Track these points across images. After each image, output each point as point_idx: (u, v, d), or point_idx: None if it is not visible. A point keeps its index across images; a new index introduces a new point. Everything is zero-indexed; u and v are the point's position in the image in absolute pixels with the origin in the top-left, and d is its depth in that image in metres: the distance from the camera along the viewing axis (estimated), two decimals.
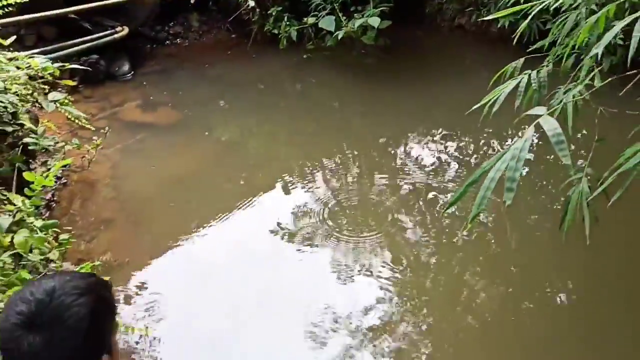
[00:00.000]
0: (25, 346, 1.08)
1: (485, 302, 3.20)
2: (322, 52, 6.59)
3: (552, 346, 2.92)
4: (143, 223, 3.99)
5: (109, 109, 5.51)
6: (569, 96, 2.46)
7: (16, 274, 2.48)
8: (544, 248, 3.65)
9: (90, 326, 1.13)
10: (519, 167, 1.47)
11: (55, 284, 1.14)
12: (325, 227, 3.84)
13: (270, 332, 3.01)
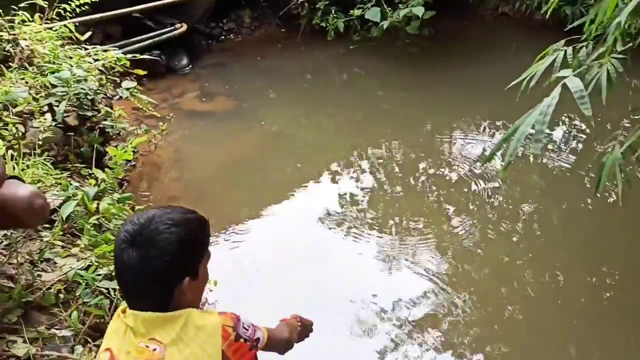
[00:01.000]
0: (126, 258, 1.35)
1: (534, 296, 3.14)
2: (368, 43, 6.79)
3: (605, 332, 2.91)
4: (204, 201, 4.29)
5: (170, 100, 5.88)
6: (604, 69, 2.60)
7: (102, 235, 2.81)
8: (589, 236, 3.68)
9: (175, 251, 1.38)
10: (545, 121, 1.65)
11: (156, 213, 1.42)
12: (371, 217, 3.88)
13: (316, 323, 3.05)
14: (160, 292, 1.39)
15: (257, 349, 1.54)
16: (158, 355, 1.34)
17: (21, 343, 2.22)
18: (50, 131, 3.57)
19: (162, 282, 1.38)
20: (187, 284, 1.42)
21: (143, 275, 1.35)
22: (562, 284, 3.21)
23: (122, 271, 1.38)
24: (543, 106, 1.66)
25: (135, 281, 1.36)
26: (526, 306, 3.07)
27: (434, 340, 2.84)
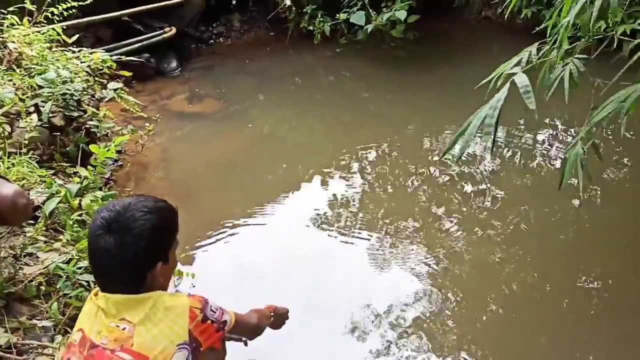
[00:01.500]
0: (102, 243, 1.43)
1: (524, 297, 3.14)
2: (354, 46, 6.87)
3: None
4: (190, 199, 4.33)
5: (159, 101, 5.95)
6: (567, 68, 2.70)
7: (84, 231, 2.88)
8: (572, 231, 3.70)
9: (150, 238, 1.47)
10: (495, 115, 1.74)
11: (131, 201, 1.50)
12: (362, 219, 3.85)
13: (310, 325, 2.95)
14: (135, 276, 1.46)
15: (224, 331, 1.61)
16: (127, 334, 1.41)
17: (2, 333, 2.29)
18: (36, 131, 3.64)
19: (137, 266, 1.46)
20: (159, 269, 1.50)
21: (119, 260, 1.43)
22: (552, 285, 3.19)
23: (97, 256, 1.45)
24: (493, 101, 1.75)
25: (111, 266, 1.44)
26: (517, 307, 3.06)
27: (427, 341, 2.85)
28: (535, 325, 2.95)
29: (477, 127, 1.83)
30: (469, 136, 1.81)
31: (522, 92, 1.81)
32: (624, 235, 3.56)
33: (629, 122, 2.66)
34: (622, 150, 4.51)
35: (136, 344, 1.41)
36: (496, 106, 1.75)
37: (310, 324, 2.93)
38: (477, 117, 1.80)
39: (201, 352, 1.52)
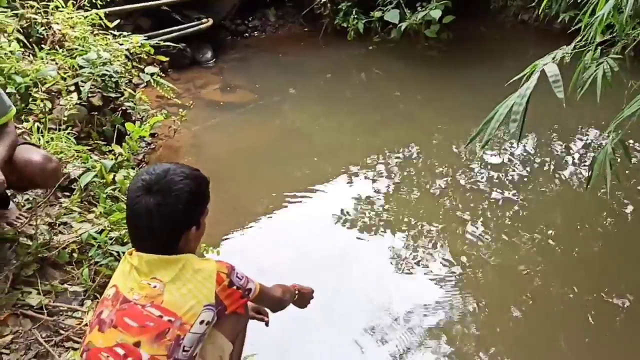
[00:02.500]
0: (143, 203, 1.49)
1: (549, 307, 3.04)
2: (387, 45, 6.91)
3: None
4: (217, 185, 4.41)
5: (193, 90, 6.06)
6: (600, 68, 2.68)
7: (116, 205, 2.96)
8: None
9: (187, 201, 1.54)
10: (523, 103, 1.74)
11: (170, 167, 1.57)
12: (386, 221, 3.80)
13: (329, 324, 2.90)
14: (169, 237, 1.53)
15: (249, 298, 1.66)
16: (158, 291, 1.47)
17: (35, 294, 2.38)
18: (76, 109, 3.76)
19: (173, 227, 1.53)
20: (192, 233, 1.57)
21: (158, 220, 1.49)
22: (576, 296, 3.09)
23: (136, 216, 1.52)
24: (522, 90, 1.75)
25: (149, 225, 1.50)
26: (540, 317, 2.96)
27: (447, 348, 2.78)
28: (558, 337, 2.87)
29: (505, 114, 1.83)
30: (496, 123, 1.82)
31: (552, 82, 1.81)
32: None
33: None
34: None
35: (166, 301, 1.46)
36: (525, 94, 1.76)
37: (330, 324, 2.89)
38: (505, 105, 1.81)
39: (226, 315, 1.57)
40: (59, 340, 2.22)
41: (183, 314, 1.46)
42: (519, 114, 1.78)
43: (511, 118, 1.82)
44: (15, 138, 2.40)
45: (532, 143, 4.86)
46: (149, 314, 1.45)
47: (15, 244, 2.58)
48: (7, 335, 2.20)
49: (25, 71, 3.71)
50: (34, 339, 2.20)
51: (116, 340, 1.43)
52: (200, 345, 1.51)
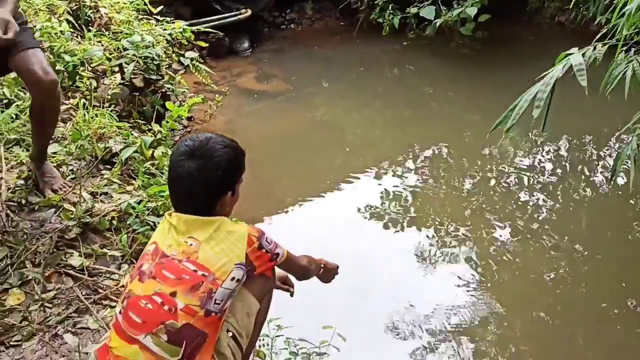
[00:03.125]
0: (186, 167, 1.61)
1: (574, 313, 3.02)
2: (422, 41, 6.92)
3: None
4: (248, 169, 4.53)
5: (229, 78, 6.21)
6: (630, 65, 2.70)
7: (154, 179, 3.11)
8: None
9: (226, 167, 1.66)
10: (547, 90, 1.81)
11: (211, 135, 1.69)
12: (412, 219, 3.79)
13: (351, 320, 2.85)
14: (207, 200, 1.65)
15: (276, 262, 1.77)
16: (194, 248, 1.59)
17: (77, 256, 2.53)
18: (118, 89, 3.93)
19: (212, 191, 1.65)
20: (228, 198, 1.68)
21: (199, 183, 1.62)
22: (602, 303, 3.04)
23: (178, 178, 1.64)
24: (546, 79, 1.82)
25: (190, 187, 1.63)
26: (565, 323, 2.93)
27: (469, 351, 2.76)
28: (581, 343, 2.85)
29: (529, 101, 1.90)
30: (520, 109, 1.89)
31: (576, 71, 1.88)
32: None
33: None
34: None
35: (200, 258, 1.58)
36: (549, 82, 1.83)
37: (351, 320, 2.85)
38: (530, 92, 1.88)
39: (254, 276, 1.69)
40: (98, 298, 2.37)
41: (216, 270, 1.58)
42: (542, 100, 1.85)
43: (535, 104, 1.89)
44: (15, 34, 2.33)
45: (564, 146, 4.82)
46: (185, 268, 1.57)
47: (60, 210, 2.75)
48: (50, 291, 2.36)
49: (73, 50, 3.90)
50: (74, 295, 2.35)
51: (154, 289, 1.56)
52: (230, 301, 1.62)
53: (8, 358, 2.05)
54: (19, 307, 2.25)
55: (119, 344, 1.54)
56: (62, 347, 2.11)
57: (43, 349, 2.10)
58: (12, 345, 2.10)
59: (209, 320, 1.55)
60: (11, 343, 2.11)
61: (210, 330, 1.56)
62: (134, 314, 1.55)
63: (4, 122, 3.23)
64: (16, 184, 2.88)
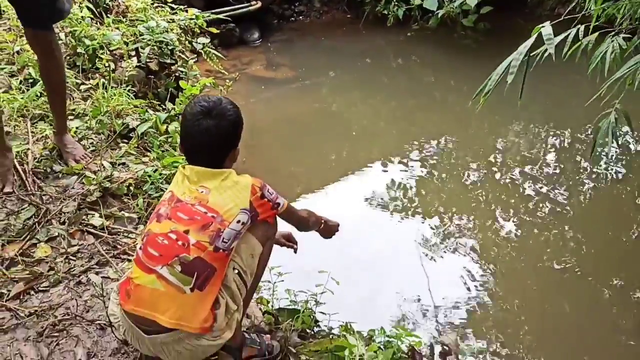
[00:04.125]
0: (203, 125, 1.80)
1: (575, 308, 3.03)
2: (425, 32, 7.08)
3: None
4: (255, 148, 4.69)
5: (239, 66, 6.41)
6: (610, 44, 2.87)
7: (168, 152, 3.31)
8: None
9: (235, 125, 1.85)
10: (519, 58, 2.00)
11: (220, 98, 1.88)
12: (418, 211, 3.82)
13: (356, 312, 2.78)
14: (220, 153, 1.87)
15: (277, 211, 1.95)
16: (205, 195, 1.79)
17: (98, 217, 2.74)
18: (135, 71, 4.13)
19: (224, 145, 1.86)
20: (234, 152, 1.87)
21: (215, 137, 1.82)
22: (606, 294, 3.06)
23: (195, 134, 1.84)
24: (521, 47, 2.00)
25: (207, 142, 1.83)
26: (569, 315, 2.96)
27: (474, 342, 2.76)
28: (586, 334, 2.87)
29: (504, 68, 2.09)
30: (496, 76, 2.08)
31: (546, 40, 2.08)
32: None
33: None
34: None
35: (210, 202, 1.78)
36: (522, 51, 2.02)
37: (356, 312, 2.78)
38: (505, 61, 2.06)
39: (258, 222, 1.88)
40: (117, 253, 2.57)
41: (224, 213, 1.77)
42: (515, 67, 2.04)
43: (509, 71, 2.08)
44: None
45: (569, 140, 4.92)
46: (197, 211, 1.77)
47: (82, 177, 2.96)
48: (74, 246, 2.56)
49: (93, 35, 4.11)
50: (96, 250, 2.56)
51: (170, 228, 1.75)
52: (236, 242, 1.81)
53: (37, 301, 2.26)
54: (46, 259, 2.46)
55: (139, 274, 1.74)
56: (85, 293, 2.32)
57: (68, 293, 2.30)
58: (40, 290, 2.31)
59: (217, 255, 1.75)
60: (40, 289, 2.32)
61: (218, 265, 1.76)
62: (152, 249, 1.74)
63: (30, 99, 3.44)
64: (41, 154, 3.09)
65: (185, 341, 1.73)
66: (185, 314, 1.70)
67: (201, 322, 1.71)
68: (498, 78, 2.17)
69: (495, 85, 2.21)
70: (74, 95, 3.74)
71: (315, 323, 2.29)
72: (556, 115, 5.27)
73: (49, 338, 2.09)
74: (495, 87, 2.20)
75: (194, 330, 1.71)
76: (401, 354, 1.99)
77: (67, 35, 4.08)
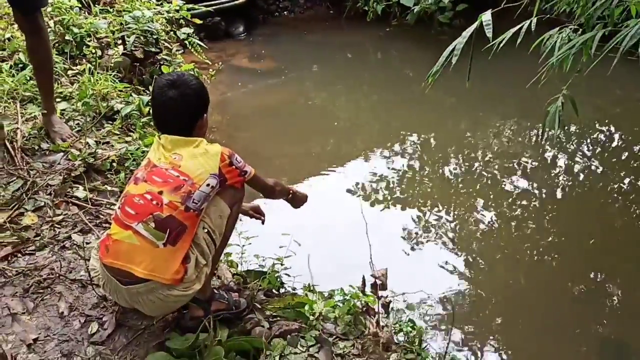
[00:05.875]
0: (170, 94, 1.96)
1: (555, 292, 3.08)
2: (404, 28, 7.28)
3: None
4: (237, 138, 4.85)
5: (224, 57, 6.56)
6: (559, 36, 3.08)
7: (150, 133, 3.46)
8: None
9: (199, 94, 2.02)
10: (462, 42, 2.21)
11: (185, 72, 2.04)
12: (398, 203, 3.85)
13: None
14: (189, 120, 2.03)
15: (244, 178, 2.12)
16: (177, 161, 1.95)
17: (82, 190, 2.89)
18: (121, 58, 4.26)
19: (191, 112, 2.03)
20: (202, 120, 2.03)
21: (181, 106, 1.99)
22: (581, 286, 3.12)
23: (163, 105, 2.00)
24: (465, 32, 2.24)
25: (175, 111, 1.99)
26: (548, 307, 3.00)
27: (454, 335, 2.77)
28: (565, 325, 2.90)
29: (450, 51, 2.30)
30: (443, 59, 2.31)
31: (485, 25, 2.30)
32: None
33: None
34: None
35: (182, 167, 1.94)
36: (465, 36, 2.24)
37: (322, 279, 2.67)
38: (449, 47, 2.29)
39: (226, 186, 2.04)
40: (99, 222, 2.72)
41: (194, 177, 1.93)
42: (458, 50, 2.26)
43: (453, 54, 2.30)
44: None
45: (548, 135, 4.84)
46: (170, 174, 1.93)
47: (67, 154, 3.10)
48: (59, 215, 2.71)
49: (81, 24, 4.24)
50: (79, 219, 2.71)
51: (146, 189, 1.91)
52: (206, 203, 1.97)
53: (24, 262, 2.40)
54: (32, 226, 2.60)
55: (117, 230, 1.90)
56: (68, 256, 2.47)
57: (53, 256, 2.45)
58: (27, 253, 2.46)
59: (188, 215, 1.91)
60: (26, 252, 2.46)
61: (189, 223, 1.92)
62: (129, 208, 1.90)
63: (19, 82, 3.58)
64: (30, 133, 3.23)
65: (159, 291, 1.89)
66: (158, 266, 1.86)
67: (173, 274, 1.87)
68: (444, 60, 2.36)
69: (442, 67, 2.41)
70: (61, 80, 3.87)
71: (280, 284, 2.45)
72: (527, 107, 5.40)
73: (34, 294, 2.24)
74: (442, 68, 2.39)
75: (166, 281, 1.87)
76: (356, 309, 2.16)
77: (56, 24, 4.21)
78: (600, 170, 4.43)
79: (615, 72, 2.78)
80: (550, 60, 2.65)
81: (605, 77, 3.21)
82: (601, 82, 4.85)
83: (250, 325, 2.10)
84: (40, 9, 2.90)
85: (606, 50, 2.30)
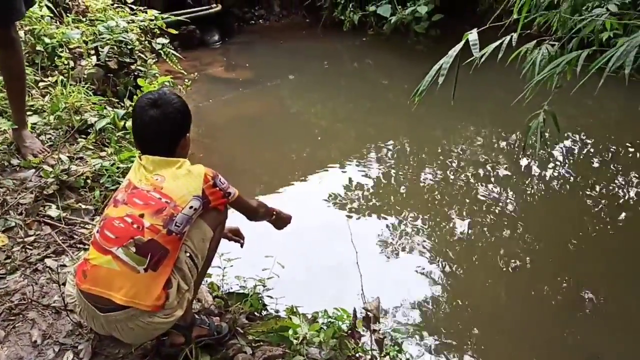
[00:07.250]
0: (152, 113, 1.90)
1: (533, 299, 3.09)
2: (380, 37, 7.32)
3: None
4: (214, 148, 4.77)
5: (199, 66, 6.48)
6: (540, 51, 3.11)
7: (125, 147, 3.37)
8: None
9: (182, 113, 1.96)
10: (449, 61, 2.18)
11: (165, 90, 1.98)
12: (375, 210, 3.85)
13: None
14: (171, 141, 1.95)
15: (228, 200, 2.05)
16: (159, 182, 1.89)
17: (55, 209, 2.78)
18: (94, 69, 4.16)
19: (174, 133, 1.96)
20: (185, 140, 1.97)
21: (163, 125, 1.92)
22: (562, 291, 3.16)
23: (145, 124, 1.93)
24: (451, 51, 2.20)
25: (156, 130, 1.92)
26: (526, 313, 3.02)
27: (432, 341, 2.78)
28: (544, 332, 2.90)
29: (437, 70, 2.28)
30: (430, 77, 2.28)
31: (471, 44, 2.29)
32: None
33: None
34: None
35: (165, 189, 1.87)
36: (452, 55, 2.21)
37: (304, 297, 2.68)
38: (437, 64, 2.26)
39: (209, 208, 1.98)
40: (73, 242, 2.62)
41: (177, 199, 1.87)
42: (445, 70, 2.23)
43: (440, 73, 2.27)
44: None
45: (517, 143, 4.97)
46: (151, 196, 1.86)
47: (39, 170, 2.99)
48: (31, 235, 2.61)
49: (52, 34, 4.12)
50: (52, 240, 2.61)
51: (126, 212, 1.84)
52: (188, 226, 1.91)
53: None
54: (3, 248, 2.49)
55: (95, 255, 1.82)
56: (41, 279, 2.37)
57: (24, 280, 2.35)
58: None
59: (170, 238, 1.84)
60: None
61: (171, 247, 1.85)
62: (108, 231, 1.83)
63: None
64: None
65: (139, 318, 1.82)
66: (138, 292, 1.79)
67: (154, 300, 1.80)
68: (431, 79, 2.35)
69: (428, 85, 2.39)
70: (32, 92, 3.75)
71: (263, 306, 2.40)
72: (503, 118, 5.50)
73: (5, 322, 2.14)
74: (428, 86, 2.37)
75: (147, 308, 1.80)
76: (341, 332, 2.12)
77: (27, 34, 4.08)
78: (573, 178, 4.50)
79: (589, 85, 2.76)
80: (533, 80, 2.64)
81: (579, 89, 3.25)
82: (575, 93, 4.90)
83: (233, 352, 2.04)
84: (15, 22, 2.79)
85: (591, 72, 2.31)
